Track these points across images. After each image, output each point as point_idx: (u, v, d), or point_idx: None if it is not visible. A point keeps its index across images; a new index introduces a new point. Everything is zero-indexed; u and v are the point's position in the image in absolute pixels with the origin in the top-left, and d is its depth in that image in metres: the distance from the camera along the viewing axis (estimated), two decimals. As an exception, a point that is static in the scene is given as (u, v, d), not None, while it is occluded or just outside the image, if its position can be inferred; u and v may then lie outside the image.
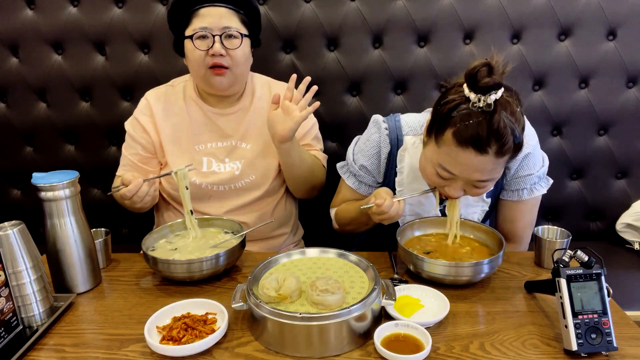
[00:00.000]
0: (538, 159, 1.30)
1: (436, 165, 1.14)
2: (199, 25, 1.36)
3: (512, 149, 1.06)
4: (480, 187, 1.14)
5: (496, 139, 1.03)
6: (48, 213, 1.12)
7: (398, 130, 1.34)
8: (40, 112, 1.91)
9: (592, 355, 0.91)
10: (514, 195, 1.32)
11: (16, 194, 2.03)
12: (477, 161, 1.06)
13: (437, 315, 1.01)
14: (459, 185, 1.15)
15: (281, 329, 0.93)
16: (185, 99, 1.52)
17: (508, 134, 1.03)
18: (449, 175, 1.13)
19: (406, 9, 1.76)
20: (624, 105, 1.80)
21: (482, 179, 1.11)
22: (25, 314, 1.03)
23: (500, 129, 1.01)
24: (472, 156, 1.06)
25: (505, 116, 1.02)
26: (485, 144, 1.03)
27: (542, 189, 1.32)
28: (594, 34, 1.75)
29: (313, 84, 1.36)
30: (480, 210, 1.36)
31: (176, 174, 1.31)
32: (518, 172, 1.29)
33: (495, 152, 1.04)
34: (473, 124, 1.03)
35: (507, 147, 1.04)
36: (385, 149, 1.35)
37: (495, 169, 1.10)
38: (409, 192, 1.33)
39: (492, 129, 1.01)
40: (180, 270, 1.15)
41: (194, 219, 1.33)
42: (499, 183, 1.33)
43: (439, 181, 1.17)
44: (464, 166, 1.09)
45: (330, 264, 1.14)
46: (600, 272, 0.93)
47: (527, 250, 1.42)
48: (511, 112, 1.04)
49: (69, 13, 1.82)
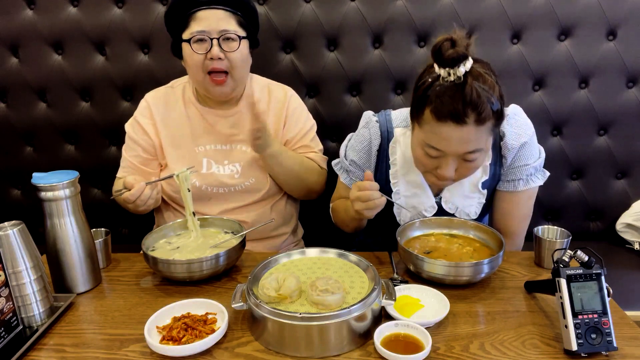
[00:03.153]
0: (534, 150, 1.31)
1: (424, 145, 1.16)
2: (196, 29, 1.35)
3: (491, 116, 1.09)
4: (470, 159, 1.15)
5: (472, 109, 1.05)
6: (48, 213, 1.12)
7: (388, 124, 1.36)
8: (40, 112, 1.91)
9: (592, 355, 0.91)
10: (510, 185, 1.33)
11: (16, 194, 2.03)
12: (459, 133, 1.09)
13: (437, 315, 1.01)
14: (449, 163, 1.16)
15: (281, 329, 0.93)
16: (184, 101, 1.52)
17: (483, 102, 1.05)
18: (437, 152, 1.15)
19: (406, 9, 1.76)
20: (624, 105, 1.80)
21: (468, 150, 1.12)
22: (25, 314, 1.03)
23: (474, 98, 1.05)
24: (453, 129, 1.08)
25: (477, 85, 1.05)
26: (462, 115, 1.06)
27: (538, 181, 1.32)
28: (594, 34, 1.75)
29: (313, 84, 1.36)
30: (477, 203, 1.36)
31: (178, 177, 1.31)
32: (514, 162, 1.30)
33: (475, 121, 1.07)
34: (448, 99, 1.06)
35: (485, 114, 1.07)
36: (376, 141, 1.36)
37: (479, 138, 1.11)
38: (403, 184, 1.35)
39: (466, 99, 1.05)
40: (180, 270, 1.15)
41: (196, 220, 1.33)
42: (496, 174, 1.33)
43: (430, 162, 1.19)
44: (448, 140, 1.11)
45: (330, 264, 1.14)
46: (600, 272, 0.93)
47: (521, 249, 1.42)
48: (483, 81, 1.07)
49: (69, 13, 1.82)
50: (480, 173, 1.32)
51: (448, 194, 1.35)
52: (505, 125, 1.26)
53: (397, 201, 1.36)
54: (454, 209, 1.36)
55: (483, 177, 1.32)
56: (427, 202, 1.35)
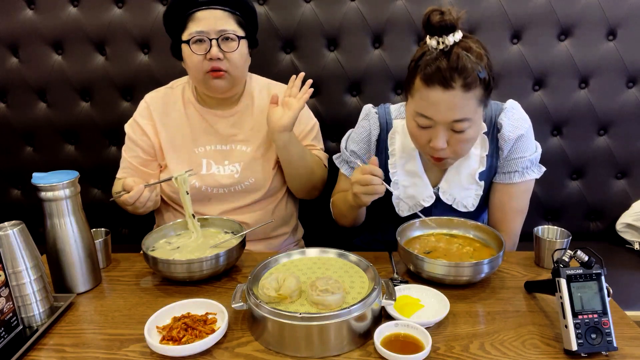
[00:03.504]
0: (531, 143, 1.33)
1: (415, 116, 1.19)
2: (195, 30, 1.35)
3: (478, 84, 1.12)
4: (459, 130, 1.16)
5: (458, 73, 1.10)
6: (48, 213, 1.12)
7: (387, 116, 1.40)
8: (40, 112, 1.91)
9: (592, 355, 0.91)
10: (506, 177, 1.34)
11: (16, 194, 2.03)
12: (446, 97, 1.12)
13: (437, 315, 1.01)
14: (439, 132, 1.17)
15: (281, 329, 0.93)
16: (183, 102, 1.52)
17: (470, 68, 1.10)
18: (427, 121, 1.17)
19: (406, 9, 1.75)
20: (624, 105, 1.80)
21: (456, 117, 1.14)
22: (25, 314, 1.03)
23: (461, 64, 1.09)
24: (441, 93, 1.12)
25: (465, 54, 1.10)
26: (449, 79, 1.10)
27: (533, 174, 1.33)
28: (594, 34, 1.75)
29: (313, 84, 1.36)
30: (474, 195, 1.37)
31: (176, 180, 1.31)
32: (511, 154, 1.32)
33: (461, 85, 1.11)
34: (436, 65, 1.11)
35: (471, 79, 1.10)
36: (375, 131, 1.39)
37: (466, 106, 1.13)
38: (402, 174, 1.37)
39: (453, 65, 1.09)
40: (180, 270, 1.15)
41: (196, 221, 1.33)
42: (493, 166, 1.34)
43: (423, 134, 1.21)
44: (436, 106, 1.14)
45: (330, 264, 1.14)
46: (600, 272, 0.93)
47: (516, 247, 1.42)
48: (472, 51, 1.11)
49: (69, 13, 1.82)
50: (477, 164, 1.33)
51: (445, 185, 1.36)
52: (502, 117, 1.29)
53: (396, 191, 1.37)
54: (451, 200, 1.37)
55: (480, 168, 1.34)
56: (425, 192, 1.36)
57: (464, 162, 1.33)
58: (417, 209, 1.38)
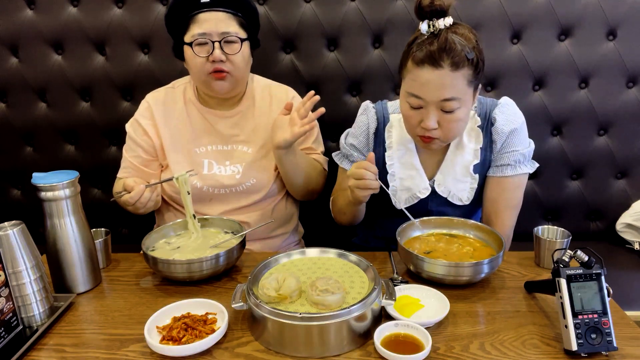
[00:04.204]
0: (524, 138, 1.35)
1: (407, 97, 1.23)
2: (197, 32, 1.35)
3: (466, 63, 1.15)
4: (448, 109, 1.19)
5: (447, 53, 1.14)
6: (48, 213, 1.12)
7: (385, 111, 1.44)
8: (40, 112, 1.91)
9: (592, 355, 0.91)
10: (498, 171, 1.35)
11: (16, 194, 2.03)
12: (435, 76, 1.15)
13: (437, 315, 1.01)
14: (430, 113, 1.20)
15: (281, 329, 0.93)
16: (185, 102, 1.52)
17: (458, 48, 1.14)
18: (418, 101, 1.20)
19: (406, 9, 1.75)
20: (624, 105, 1.80)
21: (446, 96, 1.17)
22: (25, 314, 1.03)
23: (449, 44, 1.14)
24: (430, 72, 1.16)
25: (454, 36, 1.15)
26: (438, 59, 1.14)
27: (526, 169, 1.34)
28: (594, 34, 1.75)
29: (313, 84, 1.36)
30: (469, 188, 1.38)
31: (177, 180, 1.31)
32: (504, 147, 1.34)
33: (450, 65, 1.14)
34: (426, 46, 1.16)
35: (459, 59, 1.14)
36: (372, 124, 1.42)
37: (455, 85, 1.16)
38: (399, 166, 1.40)
39: (442, 46, 1.14)
40: (180, 270, 1.15)
41: (196, 222, 1.33)
42: (486, 159, 1.36)
43: (414, 115, 1.23)
44: (426, 85, 1.17)
45: (330, 264, 1.14)
46: (600, 272, 0.93)
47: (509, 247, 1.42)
48: (461, 34, 1.16)
49: (69, 13, 1.82)
50: (472, 156, 1.35)
51: (441, 177, 1.38)
52: (497, 112, 1.33)
53: (392, 183, 1.39)
54: (446, 192, 1.38)
55: (474, 160, 1.35)
56: (422, 183, 1.38)
57: (458, 154, 1.35)
58: (414, 201, 1.40)
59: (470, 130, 1.35)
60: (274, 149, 1.39)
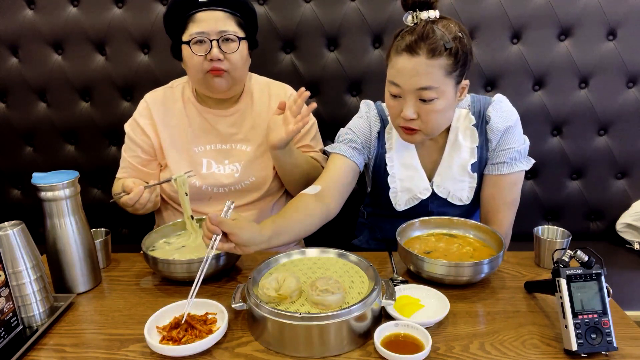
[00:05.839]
0: (519, 135, 1.35)
1: (388, 85, 1.25)
2: (195, 30, 1.35)
3: (444, 53, 1.15)
4: (426, 99, 1.19)
5: (423, 41, 1.15)
6: (48, 213, 1.12)
7: (383, 113, 1.44)
8: (40, 112, 1.91)
9: (592, 355, 0.91)
10: (494, 169, 1.35)
11: (16, 194, 2.03)
12: (411, 64, 1.17)
13: (437, 315, 1.01)
14: (408, 102, 1.21)
15: (281, 329, 0.93)
16: (183, 101, 1.52)
17: (436, 37, 1.15)
18: (396, 89, 1.21)
19: (406, 9, 1.75)
20: (624, 105, 1.80)
21: (422, 85, 1.17)
22: (25, 314, 1.03)
23: (427, 33, 1.15)
24: (407, 60, 1.17)
25: (436, 27, 1.16)
26: (415, 47, 1.16)
27: (522, 166, 1.34)
28: (594, 34, 1.75)
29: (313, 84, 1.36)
30: (468, 187, 1.38)
31: (175, 181, 1.31)
32: (499, 145, 1.34)
33: (426, 52, 1.15)
34: (407, 35, 1.18)
35: (435, 47, 1.15)
36: (375, 127, 1.42)
37: (431, 74, 1.17)
38: (399, 167, 1.39)
39: (420, 35, 1.16)
40: (180, 270, 1.15)
41: (194, 223, 1.33)
42: (483, 158, 1.36)
43: (395, 105, 1.25)
44: (403, 73, 1.19)
45: (330, 264, 1.14)
46: (600, 272, 0.93)
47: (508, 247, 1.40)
48: (444, 26, 1.17)
49: (69, 13, 1.82)
50: (468, 155, 1.35)
51: (439, 178, 1.38)
52: (491, 110, 1.33)
53: (393, 185, 1.39)
54: (445, 193, 1.38)
55: (471, 159, 1.35)
56: (422, 184, 1.38)
57: (455, 154, 1.35)
58: (414, 202, 1.40)
59: (465, 129, 1.35)
60: (271, 149, 1.38)
